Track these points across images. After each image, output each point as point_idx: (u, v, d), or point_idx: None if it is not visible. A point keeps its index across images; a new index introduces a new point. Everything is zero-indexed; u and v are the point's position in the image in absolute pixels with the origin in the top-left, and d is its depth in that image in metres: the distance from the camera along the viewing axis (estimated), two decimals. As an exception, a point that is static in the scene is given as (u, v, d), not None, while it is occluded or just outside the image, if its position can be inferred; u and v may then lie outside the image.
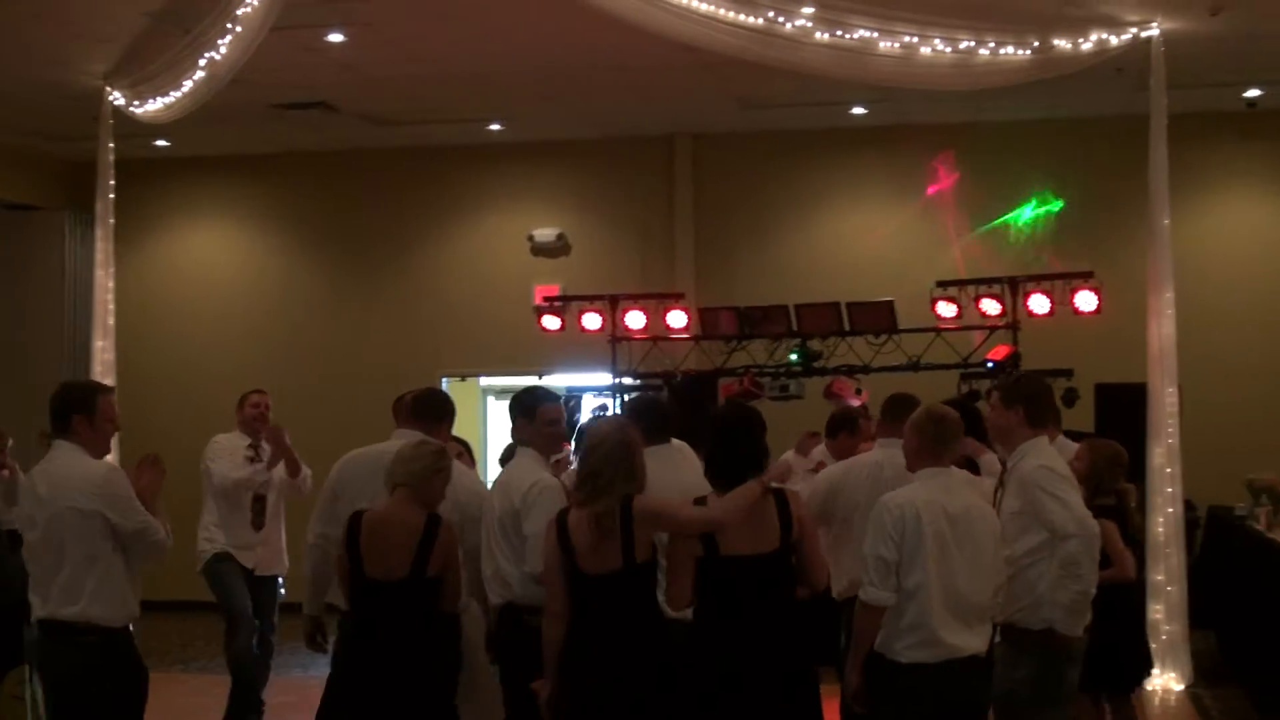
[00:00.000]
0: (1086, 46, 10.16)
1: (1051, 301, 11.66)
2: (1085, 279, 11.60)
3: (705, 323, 12.76)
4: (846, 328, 12.17)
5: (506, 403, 6.61)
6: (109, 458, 6.60)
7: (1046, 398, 6.16)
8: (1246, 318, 13.61)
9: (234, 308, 15.55)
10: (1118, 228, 13.32)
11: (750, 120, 14.19)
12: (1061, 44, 10.04)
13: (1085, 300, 11.53)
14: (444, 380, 15.43)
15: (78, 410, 5.90)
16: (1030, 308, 11.77)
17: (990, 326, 12.03)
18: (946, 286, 12.11)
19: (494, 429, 16.58)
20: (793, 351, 12.42)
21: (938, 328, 12.13)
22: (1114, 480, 7.28)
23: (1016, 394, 6.12)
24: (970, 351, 12.00)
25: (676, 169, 14.83)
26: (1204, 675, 10.43)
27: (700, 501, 5.52)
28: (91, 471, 5.83)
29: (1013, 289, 11.90)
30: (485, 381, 16.76)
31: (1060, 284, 11.71)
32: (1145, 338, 10.57)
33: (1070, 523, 5.66)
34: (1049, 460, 5.87)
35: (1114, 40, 10.26)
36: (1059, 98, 12.81)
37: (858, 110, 13.71)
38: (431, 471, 5.92)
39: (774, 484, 5.52)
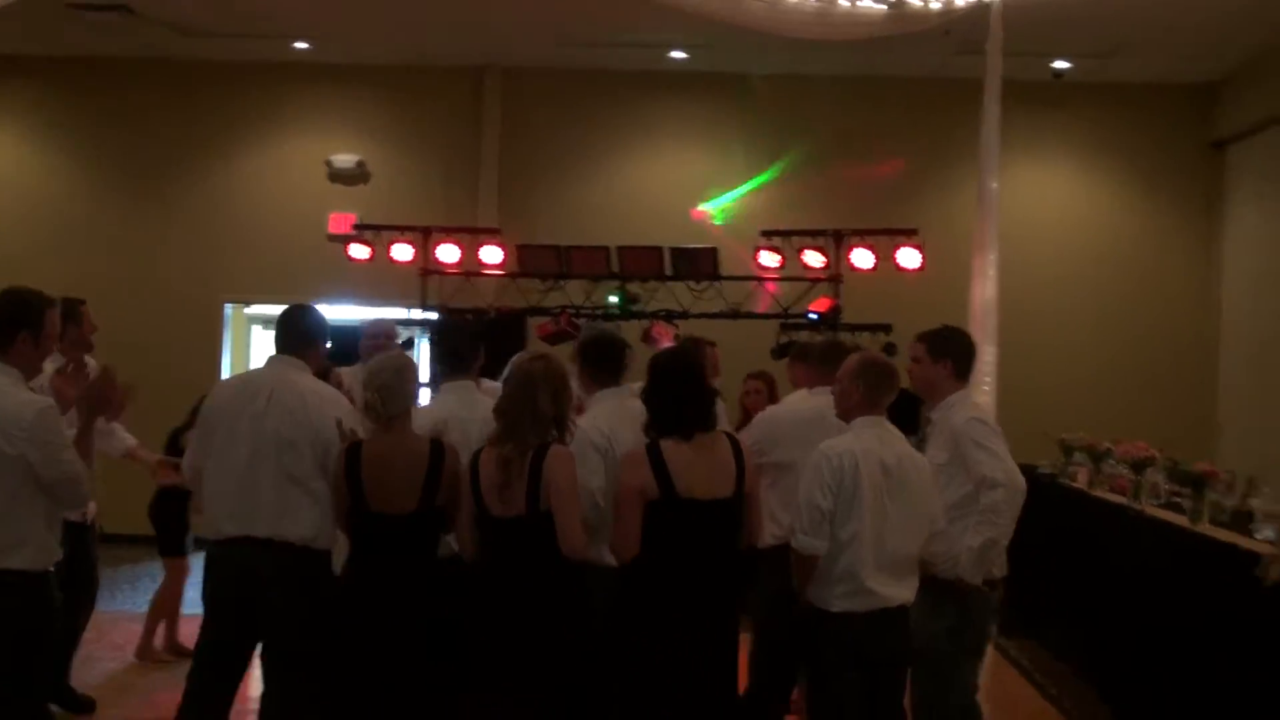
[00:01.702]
0: (936, 5, 10.31)
1: (875, 256, 11.80)
2: (909, 236, 11.75)
3: (523, 260, 12.44)
4: (669, 273, 12.06)
5: (272, 331, 6.14)
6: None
7: (972, 351, 6.20)
8: (1056, 285, 14.10)
9: (13, 216, 14.63)
10: (939, 188, 13.65)
11: (566, 57, 13.94)
12: (914, 1, 10.16)
13: (908, 257, 11.69)
14: (226, 305, 14.84)
15: (25, 325, 5.10)
16: (853, 262, 11.88)
17: (813, 279, 12.10)
18: (770, 236, 12.11)
19: (257, 358, 15.83)
20: (612, 293, 12.23)
21: (760, 277, 12.15)
22: None
23: (945, 348, 6.14)
24: (791, 302, 12.04)
25: (485, 102, 14.49)
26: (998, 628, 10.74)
27: None
28: (20, 409, 4.98)
29: (837, 242, 11.99)
30: (252, 310, 16.07)
31: (884, 240, 11.83)
32: (965, 297, 10.83)
33: (1000, 472, 5.70)
34: (978, 413, 5.92)
35: (959, 1, 10.43)
36: (876, 56, 12.86)
37: (676, 54, 13.61)
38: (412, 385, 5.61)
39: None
